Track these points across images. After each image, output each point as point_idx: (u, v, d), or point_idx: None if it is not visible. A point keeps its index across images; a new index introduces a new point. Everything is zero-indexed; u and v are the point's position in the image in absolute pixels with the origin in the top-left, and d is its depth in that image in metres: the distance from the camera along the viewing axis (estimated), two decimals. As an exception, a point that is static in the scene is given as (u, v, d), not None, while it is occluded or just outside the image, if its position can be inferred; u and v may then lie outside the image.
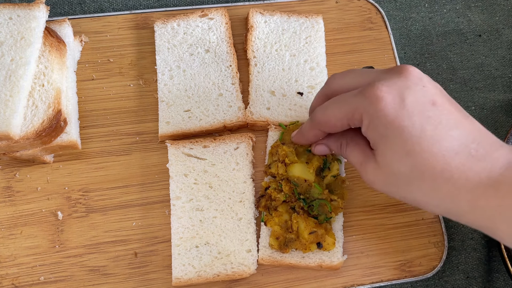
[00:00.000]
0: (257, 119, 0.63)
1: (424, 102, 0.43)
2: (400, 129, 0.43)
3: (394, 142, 0.43)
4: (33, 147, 0.57)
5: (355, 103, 0.45)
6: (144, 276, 0.58)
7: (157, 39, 0.67)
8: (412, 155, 0.43)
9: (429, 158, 0.42)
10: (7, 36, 0.58)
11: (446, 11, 0.79)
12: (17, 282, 0.56)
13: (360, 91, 0.45)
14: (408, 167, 0.43)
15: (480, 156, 0.42)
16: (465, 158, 0.42)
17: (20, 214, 0.59)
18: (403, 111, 0.43)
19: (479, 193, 0.41)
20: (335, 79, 0.50)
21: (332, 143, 0.54)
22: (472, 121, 0.44)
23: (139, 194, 0.61)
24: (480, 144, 0.42)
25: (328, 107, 0.49)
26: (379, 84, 0.44)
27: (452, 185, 0.42)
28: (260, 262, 0.57)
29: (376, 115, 0.44)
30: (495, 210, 0.40)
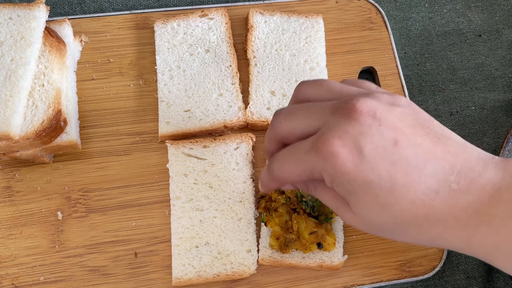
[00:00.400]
0: (257, 119, 0.63)
1: (384, 146, 0.37)
2: (367, 184, 0.37)
3: (365, 197, 0.38)
4: (33, 147, 0.57)
5: (310, 162, 0.39)
6: (144, 276, 0.58)
7: (157, 39, 0.67)
8: (389, 207, 0.38)
9: (408, 206, 0.37)
10: (7, 36, 0.58)
11: (446, 11, 0.79)
12: (17, 282, 0.56)
13: (312, 146, 0.39)
14: (388, 218, 0.39)
15: (463, 188, 0.37)
16: (447, 195, 0.37)
17: (20, 214, 0.59)
18: (365, 164, 0.37)
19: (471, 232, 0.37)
20: (281, 123, 0.43)
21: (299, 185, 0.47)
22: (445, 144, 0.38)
23: (139, 194, 0.61)
24: (460, 173, 0.37)
25: (283, 163, 0.42)
26: (330, 137, 0.37)
27: (440, 227, 0.38)
28: (261, 262, 0.57)
29: (336, 174, 0.38)
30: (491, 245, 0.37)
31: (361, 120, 0.37)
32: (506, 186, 0.37)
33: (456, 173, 0.37)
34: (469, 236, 0.37)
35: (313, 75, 0.66)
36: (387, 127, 0.37)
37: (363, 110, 0.38)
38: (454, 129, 0.71)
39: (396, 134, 0.37)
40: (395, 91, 0.69)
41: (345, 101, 0.39)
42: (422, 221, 0.38)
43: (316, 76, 0.66)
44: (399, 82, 0.69)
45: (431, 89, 0.74)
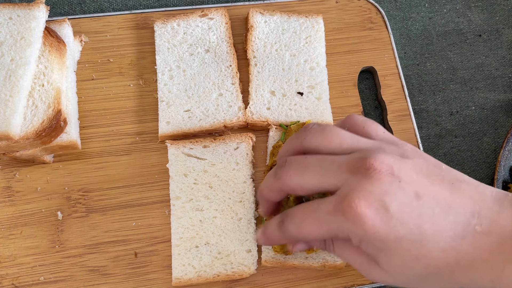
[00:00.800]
0: (257, 119, 0.63)
1: (408, 201, 0.38)
2: (399, 240, 0.38)
3: (397, 253, 0.39)
4: (33, 147, 0.57)
5: (335, 224, 0.39)
6: (144, 276, 0.57)
7: (157, 39, 0.67)
8: (421, 258, 0.39)
9: (440, 255, 0.38)
10: (7, 36, 0.58)
11: (446, 11, 0.79)
12: (17, 282, 0.56)
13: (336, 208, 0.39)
14: (422, 269, 0.40)
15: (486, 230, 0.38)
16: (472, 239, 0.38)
17: (20, 214, 0.59)
18: (393, 221, 0.38)
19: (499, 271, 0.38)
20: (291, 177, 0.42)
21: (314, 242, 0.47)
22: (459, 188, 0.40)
23: (139, 194, 0.61)
24: (481, 214, 0.39)
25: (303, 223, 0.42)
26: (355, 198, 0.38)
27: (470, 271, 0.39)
28: (264, 264, 0.57)
29: (365, 235, 0.38)
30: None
31: (382, 179, 0.38)
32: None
33: (477, 216, 0.39)
34: (497, 276, 0.38)
35: (313, 75, 0.66)
36: (407, 182, 0.39)
37: (382, 169, 0.38)
38: (454, 129, 0.71)
39: (416, 187, 0.39)
40: (395, 91, 0.69)
41: (362, 159, 0.39)
42: (454, 267, 0.39)
43: (316, 75, 0.66)
44: (399, 82, 0.69)
45: (431, 89, 0.74)
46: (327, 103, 0.66)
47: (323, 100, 0.66)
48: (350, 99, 0.68)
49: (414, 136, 0.67)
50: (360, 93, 0.70)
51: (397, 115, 0.68)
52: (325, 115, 0.65)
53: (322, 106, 0.65)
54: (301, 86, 0.66)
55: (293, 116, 0.64)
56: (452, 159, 0.69)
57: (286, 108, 0.65)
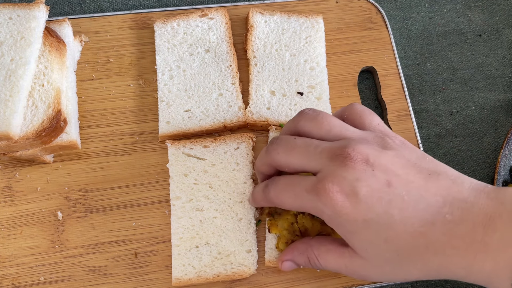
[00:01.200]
0: (257, 119, 0.63)
1: (378, 188, 0.41)
2: (367, 223, 0.41)
3: (367, 235, 0.42)
4: (33, 147, 0.57)
5: (310, 202, 0.44)
6: (144, 276, 0.57)
7: (157, 39, 0.67)
8: (391, 241, 0.41)
9: (408, 239, 0.41)
10: (7, 36, 0.58)
11: (446, 11, 0.79)
12: (17, 282, 0.56)
13: (313, 188, 0.43)
14: (393, 252, 0.42)
15: (458, 219, 0.40)
16: (443, 226, 0.40)
17: (20, 214, 0.59)
18: (362, 205, 0.41)
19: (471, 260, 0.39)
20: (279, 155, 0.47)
21: (299, 258, 0.51)
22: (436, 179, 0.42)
23: (139, 194, 0.61)
24: (453, 204, 0.40)
25: (282, 192, 0.47)
26: (329, 183, 0.42)
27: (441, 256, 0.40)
28: (267, 264, 0.57)
29: (335, 216, 0.42)
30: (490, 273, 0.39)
31: (356, 166, 0.42)
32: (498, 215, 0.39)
33: (449, 205, 0.40)
34: (469, 264, 0.39)
35: (313, 75, 0.66)
36: (380, 170, 0.42)
37: (357, 157, 0.42)
38: (454, 129, 0.71)
39: (388, 176, 0.41)
40: (395, 91, 0.69)
41: (340, 148, 0.43)
42: (423, 252, 0.40)
43: (316, 75, 0.66)
44: (399, 82, 0.69)
45: (431, 89, 0.74)
46: (327, 103, 0.66)
47: (323, 100, 0.66)
48: (350, 99, 0.68)
49: (414, 136, 0.67)
50: (360, 93, 0.70)
51: (397, 115, 0.68)
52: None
53: (322, 106, 0.65)
54: (301, 86, 0.66)
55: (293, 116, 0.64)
56: (452, 159, 0.69)
57: (286, 108, 0.65)
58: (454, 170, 0.44)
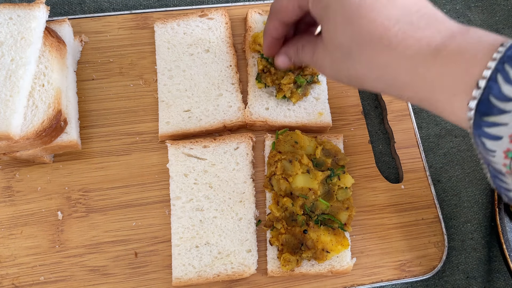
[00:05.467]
0: (256, 119, 0.63)
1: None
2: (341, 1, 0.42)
3: (335, 11, 0.43)
4: (33, 147, 0.57)
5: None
6: (144, 276, 0.58)
7: (157, 39, 0.67)
8: (351, 22, 0.42)
9: (368, 24, 0.41)
10: (7, 36, 0.58)
11: (446, 11, 0.79)
12: (17, 282, 0.56)
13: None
14: (348, 36, 0.43)
15: (423, 25, 0.40)
16: (406, 26, 0.40)
17: (20, 214, 0.59)
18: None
19: (419, 61, 0.40)
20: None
21: (289, 49, 0.54)
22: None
23: (139, 194, 0.61)
24: (425, 15, 0.41)
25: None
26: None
27: (391, 52, 0.41)
28: (270, 274, 0.57)
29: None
30: (434, 79, 0.39)
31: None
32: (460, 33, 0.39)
33: (421, 13, 0.41)
34: (415, 65, 0.40)
35: (313, 75, 0.66)
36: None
37: None
38: (454, 129, 0.71)
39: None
40: (395, 91, 0.69)
41: None
42: (376, 42, 0.41)
43: (316, 76, 0.66)
44: (399, 82, 0.69)
45: (431, 89, 0.73)
46: (325, 103, 0.65)
47: (322, 100, 0.66)
48: (350, 99, 0.68)
49: (414, 136, 0.67)
50: (360, 93, 0.70)
51: (397, 115, 0.68)
52: (323, 115, 0.65)
53: (321, 106, 0.65)
54: (301, 86, 0.66)
55: (292, 116, 0.64)
56: (452, 159, 0.69)
57: (285, 108, 0.65)
58: None
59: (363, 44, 0.42)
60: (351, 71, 0.45)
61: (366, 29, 0.41)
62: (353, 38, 0.43)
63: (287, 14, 0.50)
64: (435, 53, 0.39)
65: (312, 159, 0.60)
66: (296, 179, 0.58)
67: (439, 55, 0.38)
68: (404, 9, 0.41)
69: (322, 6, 0.45)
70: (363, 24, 0.41)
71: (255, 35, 0.66)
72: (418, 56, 0.39)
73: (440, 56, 0.38)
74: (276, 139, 0.61)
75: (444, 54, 0.38)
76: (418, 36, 0.40)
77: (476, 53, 0.36)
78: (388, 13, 0.41)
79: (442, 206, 0.65)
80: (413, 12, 0.41)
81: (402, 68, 0.41)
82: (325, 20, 0.45)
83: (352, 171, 0.64)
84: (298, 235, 0.56)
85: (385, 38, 0.41)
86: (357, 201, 0.62)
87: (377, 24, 0.41)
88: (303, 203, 0.57)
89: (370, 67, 0.43)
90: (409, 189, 0.64)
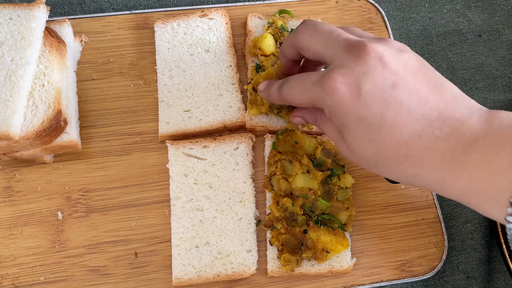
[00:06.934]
0: (256, 124, 0.63)
1: (383, 86, 0.41)
2: (359, 119, 0.42)
3: (356, 131, 0.43)
4: (33, 147, 0.57)
5: (315, 93, 0.45)
6: (144, 276, 0.58)
7: (157, 39, 0.67)
8: (375, 143, 0.42)
9: (391, 146, 0.41)
10: (7, 36, 0.58)
11: (446, 11, 0.79)
12: (17, 282, 0.56)
13: (319, 79, 0.44)
14: (373, 153, 0.43)
15: (444, 136, 0.40)
16: (428, 140, 0.41)
17: (20, 214, 0.59)
18: (360, 101, 0.41)
19: (445, 175, 0.40)
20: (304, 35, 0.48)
21: (308, 117, 0.53)
22: (440, 92, 0.42)
23: (139, 194, 0.61)
24: (445, 121, 0.41)
25: (292, 89, 0.49)
26: (336, 73, 0.42)
27: (418, 168, 0.41)
28: (270, 274, 0.57)
29: (334, 106, 0.43)
30: (463, 189, 0.40)
31: (368, 60, 0.41)
32: (482, 136, 0.39)
33: (442, 120, 0.41)
34: (443, 179, 0.41)
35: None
36: (390, 70, 0.41)
37: (372, 52, 0.42)
38: (454, 129, 0.71)
39: (397, 77, 0.41)
40: (395, 91, 0.69)
41: (359, 42, 0.43)
42: (402, 161, 0.42)
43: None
44: (399, 82, 0.69)
45: (431, 89, 0.73)
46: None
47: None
48: (350, 99, 0.68)
49: (414, 136, 0.67)
50: (360, 93, 0.70)
51: (397, 115, 0.68)
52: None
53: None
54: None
55: (293, 116, 0.64)
56: (452, 159, 0.69)
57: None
58: (459, 89, 0.44)
59: (389, 162, 0.43)
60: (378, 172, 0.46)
61: (390, 150, 0.42)
62: (378, 156, 0.43)
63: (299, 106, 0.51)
64: (460, 166, 0.40)
65: (312, 159, 0.60)
66: (296, 179, 0.58)
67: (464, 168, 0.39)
68: (425, 120, 0.41)
69: (340, 123, 0.44)
70: (386, 145, 0.42)
71: (255, 39, 0.66)
72: (444, 171, 0.40)
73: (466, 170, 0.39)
74: (276, 139, 0.61)
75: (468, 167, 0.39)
76: (441, 149, 0.40)
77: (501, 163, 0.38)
78: (409, 130, 0.41)
79: (442, 206, 0.65)
80: (433, 121, 0.41)
81: (431, 180, 0.42)
82: (345, 134, 0.45)
83: (352, 171, 0.64)
84: (298, 235, 0.56)
85: (410, 156, 0.41)
86: (357, 201, 0.62)
87: (401, 144, 0.41)
88: (303, 203, 0.57)
89: (400, 176, 0.44)
90: (409, 189, 0.64)
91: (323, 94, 0.44)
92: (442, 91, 0.42)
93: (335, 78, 0.42)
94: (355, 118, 0.42)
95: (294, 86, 0.49)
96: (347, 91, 0.42)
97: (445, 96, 0.42)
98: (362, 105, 0.41)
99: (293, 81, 0.49)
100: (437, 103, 0.41)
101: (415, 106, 0.41)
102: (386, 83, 0.41)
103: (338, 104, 0.42)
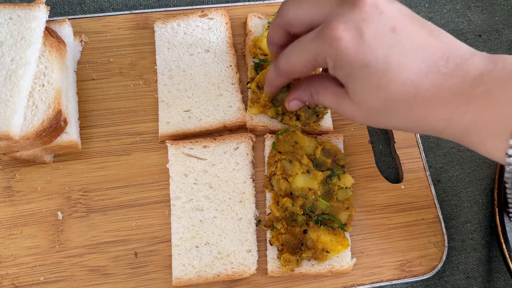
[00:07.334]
0: (257, 124, 0.63)
1: (383, 31, 0.42)
2: (365, 65, 0.42)
3: (362, 79, 0.43)
4: (33, 147, 0.57)
5: (315, 49, 0.44)
6: (144, 276, 0.58)
7: (157, 39, 0.67)
8: (382, 88, 0.42)
9: (399, 87, 0.42)
10: (7, 36, 0.58)
11: (446, 11, 0.79)
12: (17, 282, 0.56)
13: (317, 34, 0.44)
14: (381, 100, 0.43)
15: (450, 72, 0.41)
16: (435, 77, 0.41)
17: (20, 214, 0.59)
18: (364, 46, 0.41)
19: (453, 110, 0.41)
20: (289, 9, 0.47)
21: (302, 95, 0.53)
22: (438, 36, 0.43)
23: (139, 194, 0.61)
24: (449, 58, 0.41)
25: (290, 55, 0.48)
26: (335, 23, 0.42)
27: (426, 107, 0.42)
28: (270, 274, 0.57)
29: (338, 56, 0.43)
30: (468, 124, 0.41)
31: (364, 8, 0.42)
32: (488, 72, 0.40)
33: (446, 59, 0.41)
34: (450, 115, 0.41)
35: (313, 75, 0.66)
36: (387, 16, 0.42)
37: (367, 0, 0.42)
38: (454, 129, 0.71)
39: (395, 22, 0.42)
40: (395, 91, 0.69)
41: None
42: (411, 101, 0.42)
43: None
44: (399, 82, 0.69)
45: (431, 89, 0.73)
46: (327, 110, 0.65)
47: (323, 100, 0.66)
48: (350, 99, 0.68)
49: (414, 136, 0.67)
50: (360, 93, 0.70)
51: (397, 115, 0.68)
52: (324, 120, 0.64)
53: (322, 106, 0.65)
54: (301, 86, 0.66)
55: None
56: (452, 159, 0.69)
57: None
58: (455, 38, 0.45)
59: (397, 105, 0.43)
60: (388, 124, 0.46)
61: (398, 92, 0.42)
62: (387, 102, 0.43)
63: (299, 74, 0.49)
64: (467, 101, 0.40)
65: (312, 159, 0.60)
66: (296, 179, 0.58)
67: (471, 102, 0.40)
68: (429, 59, 0.42)
69: (345, 73, 0.44)
70: (394, 88, 0.42)
71: (255, 39, 0.66)
72: (452, 106, 0.41)
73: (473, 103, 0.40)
74: (276, 139, 0.61)
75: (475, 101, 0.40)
76: (448, 85, 0.41)
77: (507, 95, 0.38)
78: (415, 69, 0.41)
79: (442, 206, 0.65)
80: (437, 60, 0.41)
81: (439, 118, 0.42)
82: (351, 85, 0.45)
83: (352, 171, 0.64)
84: (298, 235, 0.56)
85: (419, 95, 0.42)
86: (357, 201, 0.62)
87: (408, 84, 0.42)
88: (303, 203, 0.57)
89: (407, 121, 0.44)
90: (409, 189, 0.64)
91: (325, 47, 0.43)
92: (440, 35, 0.43)
93: (336, 27, 0.42)
94: (361, 65, 0.42)
95: (292, 51, 0.47)
96: (350, 38, 0.41)
97: (445, 38, 0.43)
98: (367, 51, 0.41)
99: (288, 49, 0.48)
100: (438, 44, 0.42)
101: (418, 47, 0.42)
102: (386, 28, 0.42)
103: (343, 53, 0.42)
